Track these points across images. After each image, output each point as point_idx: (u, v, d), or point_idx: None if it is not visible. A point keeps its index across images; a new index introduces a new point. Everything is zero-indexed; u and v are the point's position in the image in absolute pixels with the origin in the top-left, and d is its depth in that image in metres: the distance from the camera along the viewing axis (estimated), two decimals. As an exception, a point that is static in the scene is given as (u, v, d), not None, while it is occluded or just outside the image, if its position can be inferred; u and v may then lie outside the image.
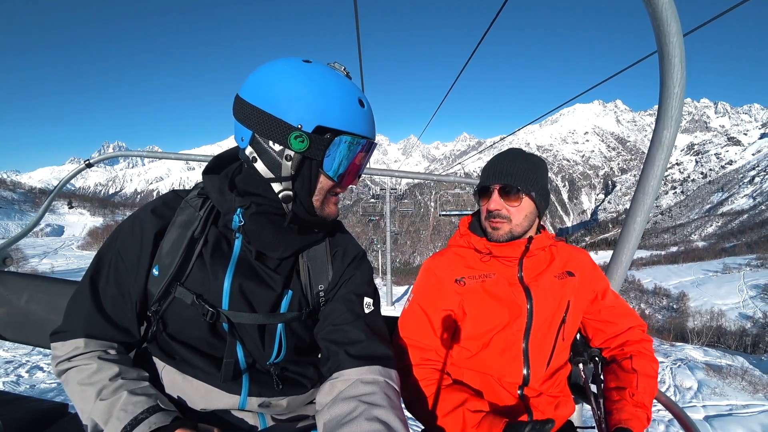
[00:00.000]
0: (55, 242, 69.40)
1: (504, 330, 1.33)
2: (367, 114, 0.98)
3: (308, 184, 0.98)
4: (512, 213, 1.32)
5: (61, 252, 54.40)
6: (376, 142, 1.04)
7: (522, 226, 1.34)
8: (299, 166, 0.95)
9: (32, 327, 1.68)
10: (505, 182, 1.31)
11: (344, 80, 0.97)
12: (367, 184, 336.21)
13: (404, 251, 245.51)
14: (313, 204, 1.00)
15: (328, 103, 0.92)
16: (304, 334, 1.11)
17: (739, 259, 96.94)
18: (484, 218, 1.38)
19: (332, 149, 0.93)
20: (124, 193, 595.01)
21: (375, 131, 1.03)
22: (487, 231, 1.37)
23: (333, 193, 1.04)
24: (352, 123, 0.95)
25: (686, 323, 35.67)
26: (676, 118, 1.29)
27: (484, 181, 1.36)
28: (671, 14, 1.17)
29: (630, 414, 1.21)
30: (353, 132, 0.95)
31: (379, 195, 34.34)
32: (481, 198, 1.39)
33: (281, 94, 0.91)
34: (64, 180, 2.67)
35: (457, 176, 3.87)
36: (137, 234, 1.02)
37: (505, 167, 1.32)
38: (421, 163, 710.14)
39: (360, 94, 0.98)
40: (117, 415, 0.85)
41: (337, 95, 0.93)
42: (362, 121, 0.97)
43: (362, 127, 0.97)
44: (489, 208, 1.34)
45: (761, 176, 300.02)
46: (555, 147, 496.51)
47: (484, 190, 1.37)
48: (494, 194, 1.32)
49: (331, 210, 1.06)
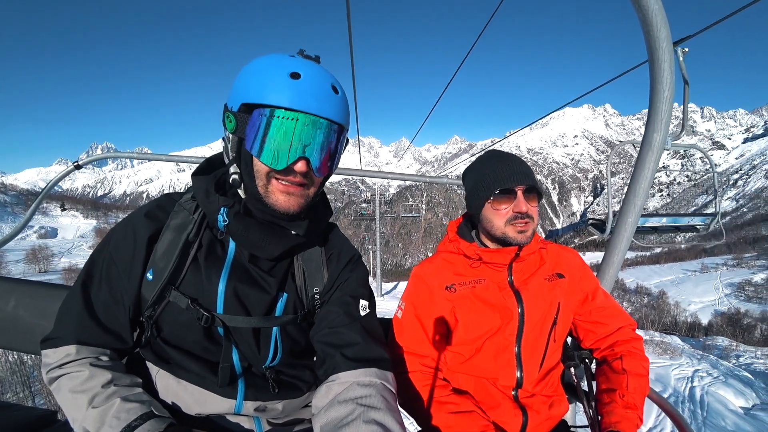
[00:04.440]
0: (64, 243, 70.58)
1: (496, 334, 1.33)
2: (301, 85, 0.87)
3: (246, 166, 0.94)
4: (534, 213, 1.31)
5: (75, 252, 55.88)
6: (328, 120, 0.91)
7: (537, 226, 1.35)
8: (238, 147, 0.93)
9: (20, 333, 1.64)
10: (530, 183, 1.29)
11: (279, 58, 0.91)
12: (359, 186, 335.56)
13: (396, 253, 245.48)
14: (258, 189, 0.94)
15: (252, 79, 0.88)
16: (300, 337, 1.10)
17: (717, 259, 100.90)
18: (507, 221, 1.30)
19: (252, 125, 0.88)
20: (113, 195, 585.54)
21: (327, 107, 0.90)
22: (509, 235, 1.31)
23: (279, 180, 0.93)
24: (274, 96, 0.86)
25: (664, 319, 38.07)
26: (665, 121, 1.32)
27: (505, 183, 1.29)
28: (661, 20, 1.20)
29: (620, 416, 1.22)
30: (273, 104, 0.86)
31: (369, 200, 35.49)
32: (499, 201, 1.31)
33: (232, 85, 0.93)
34: (52, 182, 2.64)
35: (449, 178, 3.89)
36: (130, 238, 1.00)
37: (522, 169, 1.31)
38: (413, 166, 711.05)
39: (299, 68, 0.88)
40: (110, 422, 0.84)
41: (263, 71, 0.88)
42: (290, 93, 0.86)
43: (289, 98, 0.86)
44: (519, 210, 1.28)
45: (743, 179, 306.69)
46: (545, 150, 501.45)
47: (505, 192, 1.29)
48: (520, 196, 1.29)
49: (278, 198, 0.94)
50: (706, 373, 13.77)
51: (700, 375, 13.57)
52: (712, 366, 14.74)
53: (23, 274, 41.78)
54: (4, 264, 45.59)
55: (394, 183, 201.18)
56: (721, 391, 12.19)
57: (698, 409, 11.18)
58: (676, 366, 14.36)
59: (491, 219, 1.33)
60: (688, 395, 12.06)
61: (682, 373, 13.68)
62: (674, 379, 13.08)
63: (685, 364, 14.85)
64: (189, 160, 3.35)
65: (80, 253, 53.17)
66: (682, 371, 13.86)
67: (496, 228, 1.33)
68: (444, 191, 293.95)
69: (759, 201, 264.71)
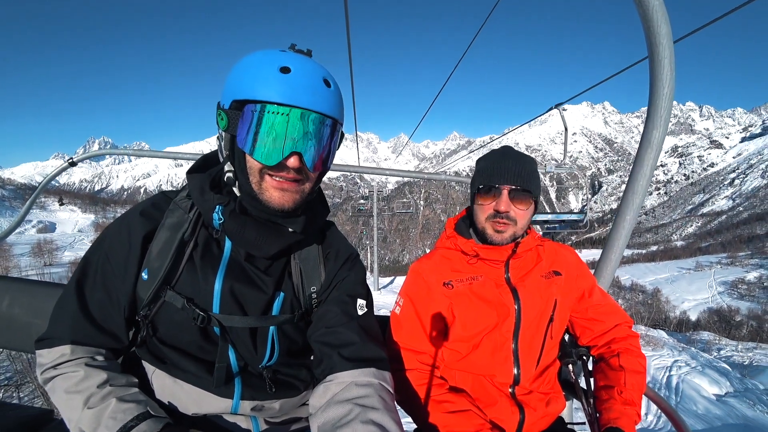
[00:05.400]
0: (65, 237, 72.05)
1: (493, 331, 1.33)
2: (292, 79, 0.86)
3: (239, 163, 0.93)
4: (519, 216, 1.29)
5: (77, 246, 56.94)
6: (319, 113, 0.90)
7: (523, 230, 1.34)
8: (232, 145, 0.92)
9: (15, 331, 1.63)
10: (518, 184, 1.27)
11: (269, 53, 0.89)
12: (357, 181, 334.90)
13: (393, 249, 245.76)
14: (251, 186, 0.94)
15: (242, 75, 0.87)
16: (297, 337, 1.09)
17: (711, 258, 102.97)
18: (486, 218, 1.31)
19: (242, 121, 0.87)
20: (110, 190, 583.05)
21: (318, 100, 0.89)
22: (487, 232, 1.32)
23: (272, 176, 0.92)
24: (263, 91, 0.85)
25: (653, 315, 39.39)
26: (665, 118, 1.32)
27: (491, 180, 1.29)
28: (662, 16, 1.19)
29: (619, 412, 1.23)
30: (263, 99, 0.85)
31: (367, 196, 35.92)
32: (483, 197, 1.32)
33: (224, 82, 0.92)
34: (47, 178, 2.63)
35: (447, 175, 3.89)
36: (125, 237, 0.99)
37: (515, 168, 1.28)
38: (411, 162, 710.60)
39: (289, 63, 0.87)
40: (106, 423, 0.83)
41: (252, 67, 0.87)
42: (280, 87, 0.85)
43: (278, 93, 0.85)
44: (498, 208, 1.28)
45: (740, 179, 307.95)
46: (543, 147, 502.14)
47: (489, 189, 1.30)
48: (504, 195, 1.27)
49: (272, 195, 0.93)
50: (685, 364, 14.44)
51: (678, 365, 14.23)
52: (691, 357, 15.45)
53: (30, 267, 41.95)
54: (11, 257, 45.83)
55: (392, 179, 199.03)
56: (696, 380, 12.85)
57: (673, 395, 11.97)
58: (657, 357, 15.00)
59: (476, 212, 1.36)
60: (665, 383, 12.80)
61: (662, 363, 14.30)
62: (654, 369, 13.68)
63: (666, 355, 15.54)
64: (185, 157, 3.33)
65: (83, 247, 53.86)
66: (662, 361, 14.43)
67: (478, 222, 1.35)
68: (442, 187, 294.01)
69: (755, 200, 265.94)
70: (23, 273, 31.58)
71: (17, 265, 43.44)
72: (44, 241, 63.65)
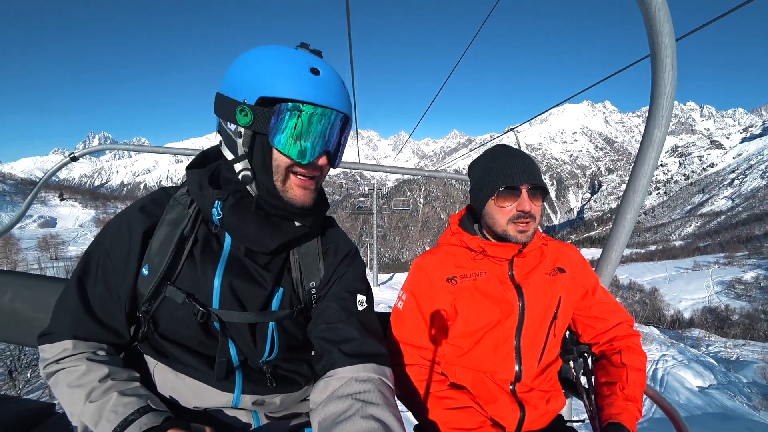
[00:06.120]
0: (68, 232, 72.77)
1: (496, 327, 1.34)
2: (322, 82, 0.90)
3: (263, 161, 0.93)
4: (536, 212, 1.31)
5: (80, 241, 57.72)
6: (344, 114, 0.95)
7: (539, 224, 1.35)
8: (252, 142, 0.92)
9: (17, 325, 1.63)
10: (535, 182, 1.28)
11: (292, 51, 0.92)
12: (357, 179, 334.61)
13: (393, 246, 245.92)
14: (274, 185, 0.95)
15: (270, 72, 0.88)
16: (297, 332, 1.09)
17: (709, 258, 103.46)
18: (509, 220, 1.30)
19: (277, 119, 0.88)
20: (110, 185, 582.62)
21: (342, 101, 0.94)
22: (510, 234, 1.31)
23: (297, 174, 0.95)
24: (299, 90, 0.88)
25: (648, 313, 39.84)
26: (666, 117, 1.31)
27: (512, 181, 1.28)
28: (664, 15, 1.18)
29: (621, 408, 1.23)
30: (299, 99, 0.88)
31: (367, 194, 36.22)
32: (504, 198, 1.30)
33: (233, 75, 0.91)
34: (49, 173, 2.62)
35: (447, 173, 3.88)
36: (125, 233, 1.00)
37: (528, 167, 1.29)
38: (411, 159, 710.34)
39: (315, 64, 0.91)
40: (107, 416, 0.84)
41: (280, 64, 0.89)
42: (314, 88, 0.89)
43: (313, 93, 0.89)
44: (522, 209, 1.27)
45: (740, 179, 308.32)
46: (544, 146, 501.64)
47: (511, 190, 1.28)
48: (524, 194, 1.28)
49: (296, 193, 0.96)
50: (672, 358, 15.03)
51: (665, 359, 14.78)
52: (679, 352, 15.99)
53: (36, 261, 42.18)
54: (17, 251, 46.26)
55: (392, 176, 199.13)
56: (681, 373, 13.40)
57: (657, 386, 12.54)
58: (646, 351, 15.55)
59: (494, 215, 1.33)
60: (651, 375, 13.34)
61: (650, 356, 14.68)
62: (641, 361, 14.54)
63: (654, 349, 16.15)
64: (184, 153, 3.31)
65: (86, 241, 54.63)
66: (650, 355, 14.84)
67: (497, 225, 1.32)
68: (442, 185, 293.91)
69: (754, 201, 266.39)
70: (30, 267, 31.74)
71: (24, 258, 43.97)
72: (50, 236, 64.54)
